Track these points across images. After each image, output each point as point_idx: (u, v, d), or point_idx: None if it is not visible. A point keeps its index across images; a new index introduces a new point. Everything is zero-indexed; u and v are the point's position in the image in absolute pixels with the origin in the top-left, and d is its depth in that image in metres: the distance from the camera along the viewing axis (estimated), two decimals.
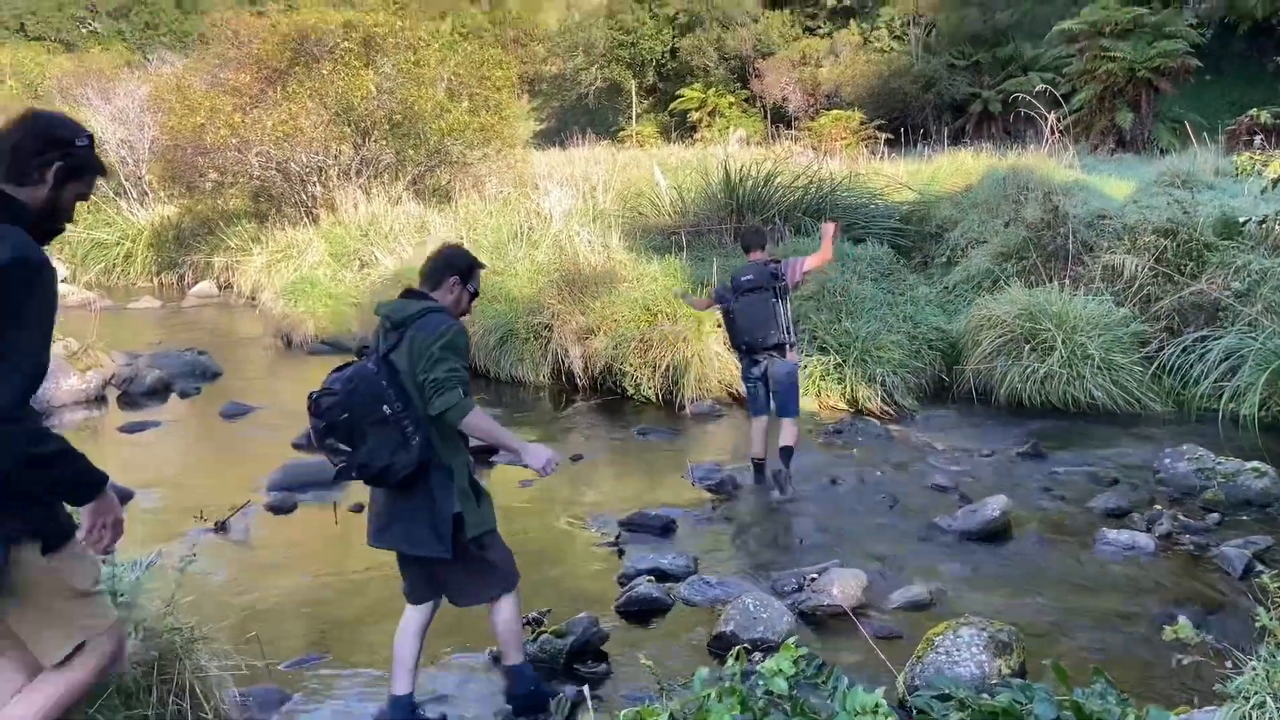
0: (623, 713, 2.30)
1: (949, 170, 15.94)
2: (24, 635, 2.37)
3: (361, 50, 16.49)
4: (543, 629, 4.22)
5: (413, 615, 3.56)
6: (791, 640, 2.26)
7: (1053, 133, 15.69)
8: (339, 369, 3.39)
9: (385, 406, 3.22)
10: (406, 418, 3.24)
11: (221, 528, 5.77)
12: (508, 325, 9.72)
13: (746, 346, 6.28)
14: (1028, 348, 8.36)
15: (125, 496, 6.26)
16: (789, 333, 6.16)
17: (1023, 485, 6.43)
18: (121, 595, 2.89)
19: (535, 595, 4.80)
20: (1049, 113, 15.62)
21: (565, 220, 11.94)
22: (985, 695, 2.13)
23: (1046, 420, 7.90)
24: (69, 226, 2.53)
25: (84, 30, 50.89)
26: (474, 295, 3.60)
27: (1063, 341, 8.25)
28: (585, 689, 2.61)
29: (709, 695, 2.11)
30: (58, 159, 2.36)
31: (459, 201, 15.68)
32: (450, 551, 3.33)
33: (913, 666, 3.79)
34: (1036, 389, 8.19)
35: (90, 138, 2.47)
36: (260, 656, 3.86)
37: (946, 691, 2.28)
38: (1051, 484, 6.48)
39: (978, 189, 13.15)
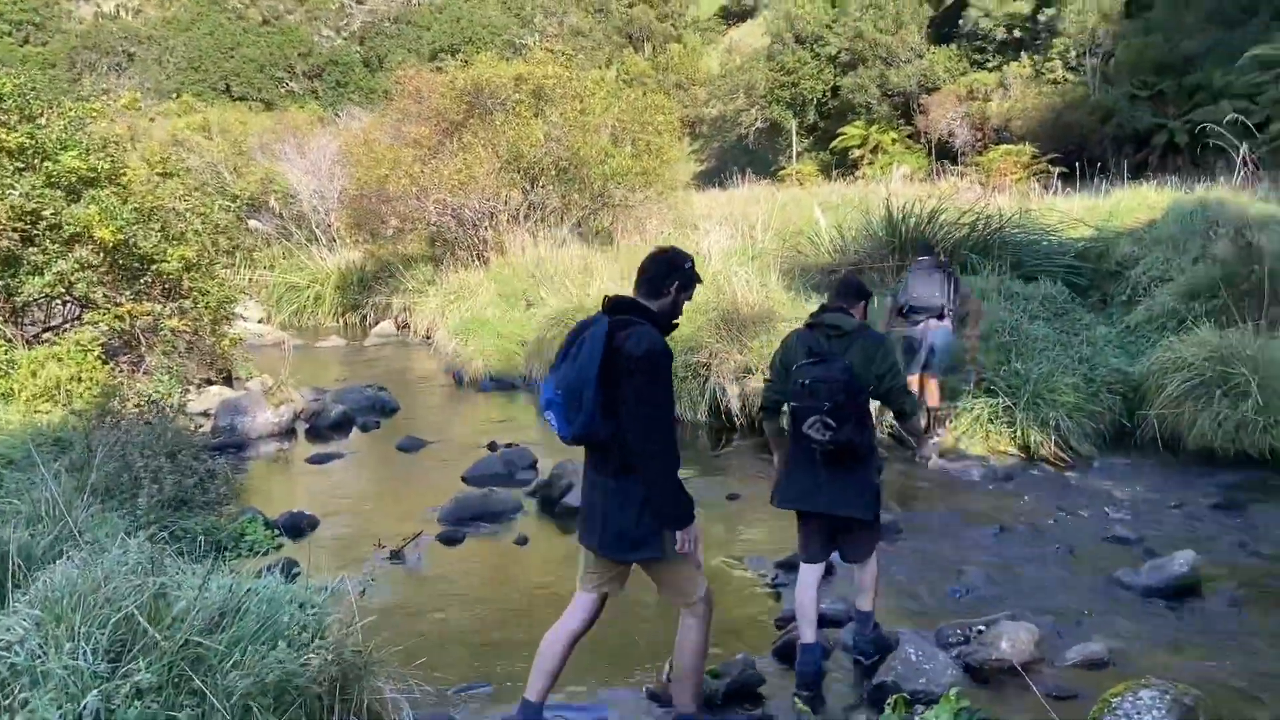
0: None
1: (1130, 205, 15.16)
2: (666, 586, 3.69)
3: (532, 101, 17.23)
4: None
5: (810, 572, 4.40)
6: (954, 692, 2.21)
7: (1245, 164, 14.68)
8: (811, 363, 4.18)
9: (861, 396, 4.18)
10: (866, 407, 4.24)
11: (396, 557, 6.07)
12: None
13: (911, 309, 7.82)
14: (1219, 392, 7.79)
15: (313, 524, 6.71)
16: (950, 301, 7.78)
17: (1215, 540, 6.01)
18: (313, 611, 3.11)
19: None
20: (1241, 143, 14.64)
21: (724, 260, 12.03)
22: None
23: (1241, 471, 7.34)
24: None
25: (282, 90, 55.16)
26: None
27: (1259, 386, 7.66)
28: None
29: None
30: (677, 279, 3.54)
31: (620, 243, 16.08)
32: (874, 515, 4.36)
33: None
34: (1229, 437, 7.61)
35: (692, 260, 3.61)
36: (431, 682, 4.04)
37: None
38: (1248, 539, 6.03)
39: (1162, 224, 12.45)
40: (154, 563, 3.18)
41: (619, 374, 3.35)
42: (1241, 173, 14.58)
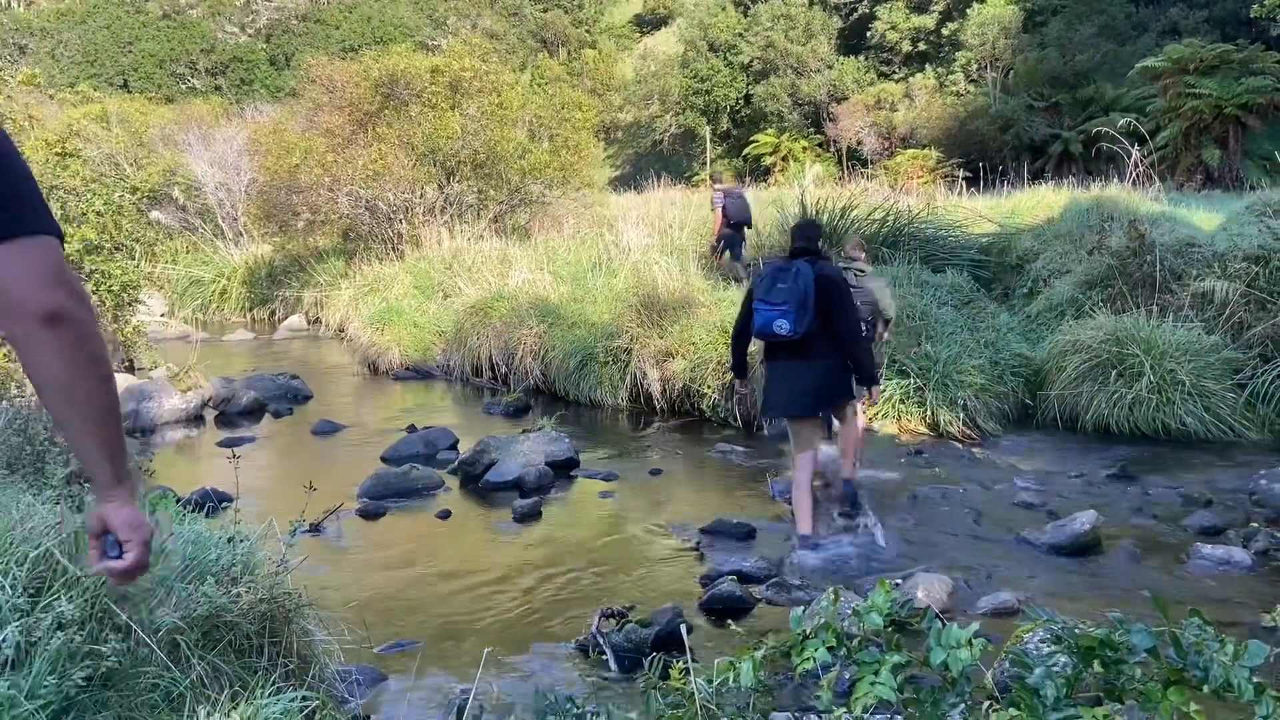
0: (717, 661, 2.35)
1: (1029, 204, 15.78)
2: (838, 413, 5.89)
3: (448, 94, 17.04)
4: (627, 620, 4.28)
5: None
6: (884, 581, 2.31)
7: (1136, 168, 15.43)
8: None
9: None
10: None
11: (316, 529, 5.97)
12: (586, 350, 9.88)
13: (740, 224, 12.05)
14: (1114, 373, 8.20)
15: (226, 502, 6.53)
16: None
17: (1113, 504, 6.30)
18: (243, 545, 3.05)
19: (618, 593, 4.90)
20: (1133, 148, 15.38)
21: (643, 252, 12.13)
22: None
23: (1135, 446, 7.72)
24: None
25: (183, 86, 53.40)
26: None
27: (1151, 367, 8.08)
28: (683, 627, 2.67)
29: (803, 632, 2.16)
30: (818, 235, 5.72)
31: (538, 239, 16.02)
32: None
33: (1000, 663, 3.73)
34: (1124, 415, 8.02)
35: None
36: (357, 640, 4.00)
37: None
38: (1142, 504, 6.35)
39: (1060, 221, 13.00)
40: (74, 502, 3.08)
41: (823, 292, 5.16)
42: (1132, 175, 15.31)
